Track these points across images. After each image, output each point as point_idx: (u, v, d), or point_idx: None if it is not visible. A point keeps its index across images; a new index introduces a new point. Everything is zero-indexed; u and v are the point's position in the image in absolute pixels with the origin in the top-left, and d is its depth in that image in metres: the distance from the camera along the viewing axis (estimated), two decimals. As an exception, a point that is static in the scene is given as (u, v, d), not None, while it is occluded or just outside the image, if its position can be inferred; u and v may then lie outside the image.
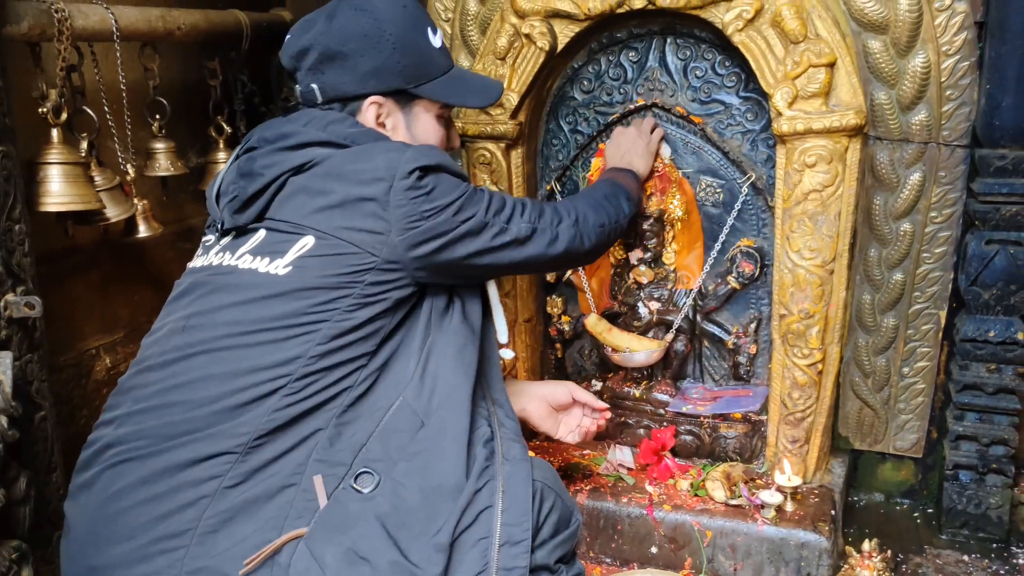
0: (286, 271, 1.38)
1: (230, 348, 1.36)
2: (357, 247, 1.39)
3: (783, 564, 2.00)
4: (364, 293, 1.39)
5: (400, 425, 1.40)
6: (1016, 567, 2.13)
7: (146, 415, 1.35)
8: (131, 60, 1.98)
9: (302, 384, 1.34)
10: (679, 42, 2.19)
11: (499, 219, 1.54)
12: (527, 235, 1.58)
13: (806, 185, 1.96)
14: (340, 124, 1.50)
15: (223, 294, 1.41)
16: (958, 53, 1.99)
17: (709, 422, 2.26)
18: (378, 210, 1.39)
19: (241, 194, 1.45)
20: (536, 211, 1.63)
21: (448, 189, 1.46)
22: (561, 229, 1.66)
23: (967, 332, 2.11)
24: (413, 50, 1.56)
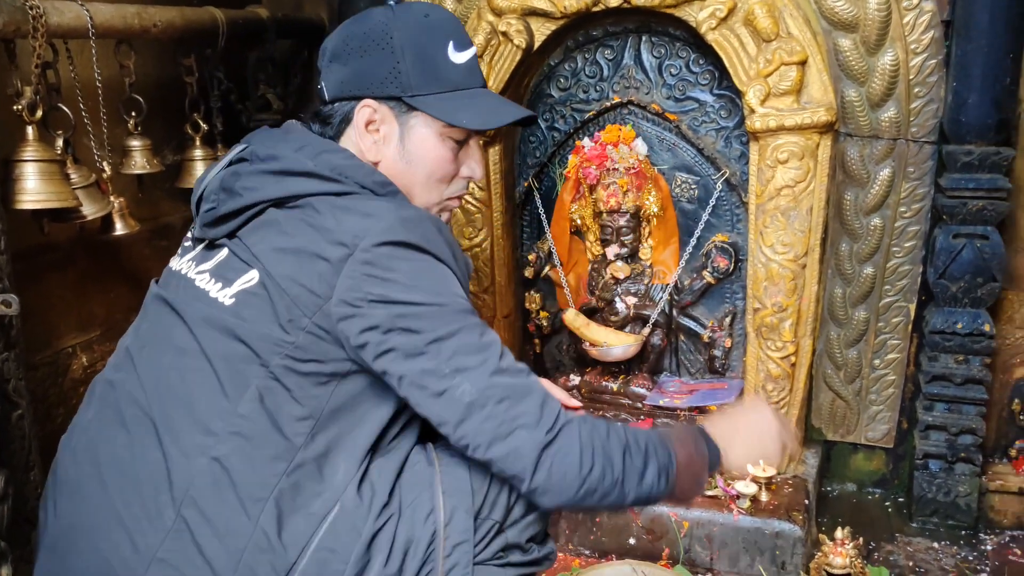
0: (231, 301, 1.31)
1: (174, 386, 1.30)
2: (293, 302, 1.26)
3: (758, 553, 2.04)
4: (291, 356, 1.27)
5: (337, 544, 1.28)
6: (984, 553, 2.18)
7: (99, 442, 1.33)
8: (107, 57, 1.96)
9: (226, 450, 1.26)
10: (654, 40, 2.22)
11: (445, 360, 1.25)
12: (463, 400, 1.26)
13: (779, 181, 1.99)
14: (333, 155, 1.39)
15: (177, 316, 1.36)
16: (926, 51, 2.03)
17: (686, 415, 2.29)
18: (327, 274, 1.25)
19: (217, 209, 1.39)
20: (507, 391, 1.28)
21: (412, 284, 1.26)
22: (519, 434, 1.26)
23: (936, 324, 2.16)
24: (417, 57, 1.43)
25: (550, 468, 1.27)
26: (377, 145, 1.46)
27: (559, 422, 1.29)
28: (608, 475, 1.31)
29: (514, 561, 1.41)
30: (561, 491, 1.29)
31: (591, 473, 1.29)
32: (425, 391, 1.26)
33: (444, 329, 1.27)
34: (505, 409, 1.26)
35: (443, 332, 1.26)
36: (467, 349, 1.27)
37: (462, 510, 1.36)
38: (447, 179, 1.51)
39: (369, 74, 1.44)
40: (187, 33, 2.14)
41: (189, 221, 2.49)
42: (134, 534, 1.26)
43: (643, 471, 1.34)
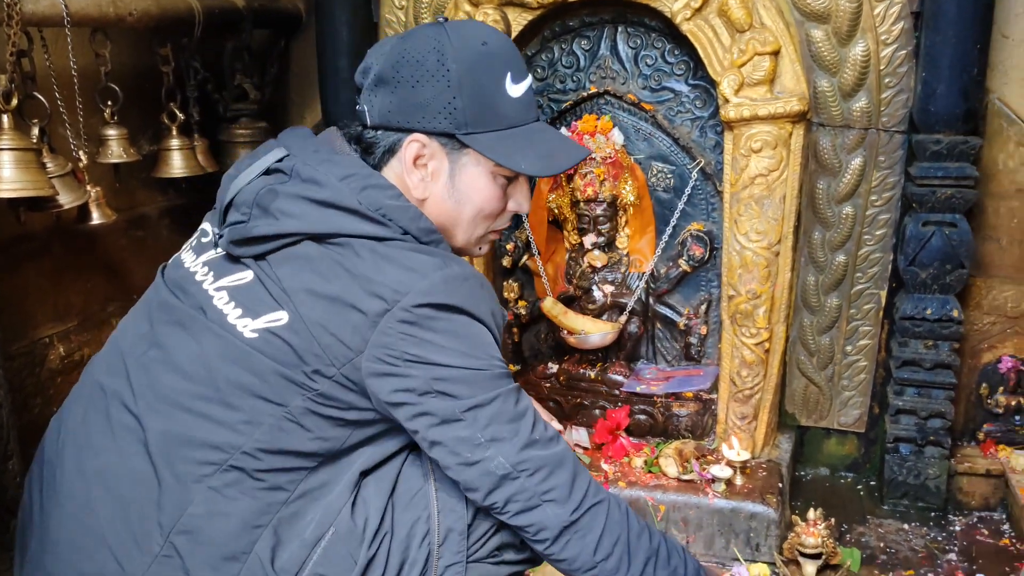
0: (252, 336, 1.25)
1: (176, 408, 1.26)
2: (322, 351, 1.23)
3: (733, 535, 2.08)
4: (313, 399, 1.25)
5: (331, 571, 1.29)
6: (952, 534, 2.23)
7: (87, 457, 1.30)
8: (82, 46, 1.96)
9: (227, 480, 1.24)
10: (630, 31, 2.24)
11: (481, 428, 1.25)
12: (495, 472, 1.26)
13: (752, 170, 2.02)
14: (380, 192, 1.31)
15: (189, 335, 1.30)
16: (896, 42, 2.07)
17: (662, 401, 2.32)
18: (362, 327, 1.22)
19: (248, 226, 1.30)
20: (540, 463, 1.28)
21: (451, 348, 1.24)
22: (547, 509, 1.29)
23: (906, 310, 2.20)
24: (475, 93, 1.34)
25: (567, 544, 1.30)
26: (424, 182, 1.39)
27: (587, 501, 1.31)
28: (622, 571, 1.33)
29: (508, 559, 1.42)
30: (573, 567, 1.33)
31: (606, 561, 1.32)
32: (458, 458, 1.27)
33: (482, 396, 1.25)
34: (537, 483, 1.27)
35: (481, 399, 1.25)
36: (503, 418, 1.27)
37: (456, 532, 1.36)
38: (495, 216, 1.46)
39: (422, 107, 1.34)
40: (163, 22, 2.13)
41: (166, 211, 2.52)
42: (120, 557, 1.23)
43: (656, 564, 1.36)
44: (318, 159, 1.34)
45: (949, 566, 2.09)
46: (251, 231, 1.29)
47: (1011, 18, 2.13)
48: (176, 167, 2.29)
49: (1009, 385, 2.32)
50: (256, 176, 1.35)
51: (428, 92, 1.33)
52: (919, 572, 2.07)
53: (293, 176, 1.32)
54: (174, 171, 2.29)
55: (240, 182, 1.36)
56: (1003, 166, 2.20)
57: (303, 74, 2.72)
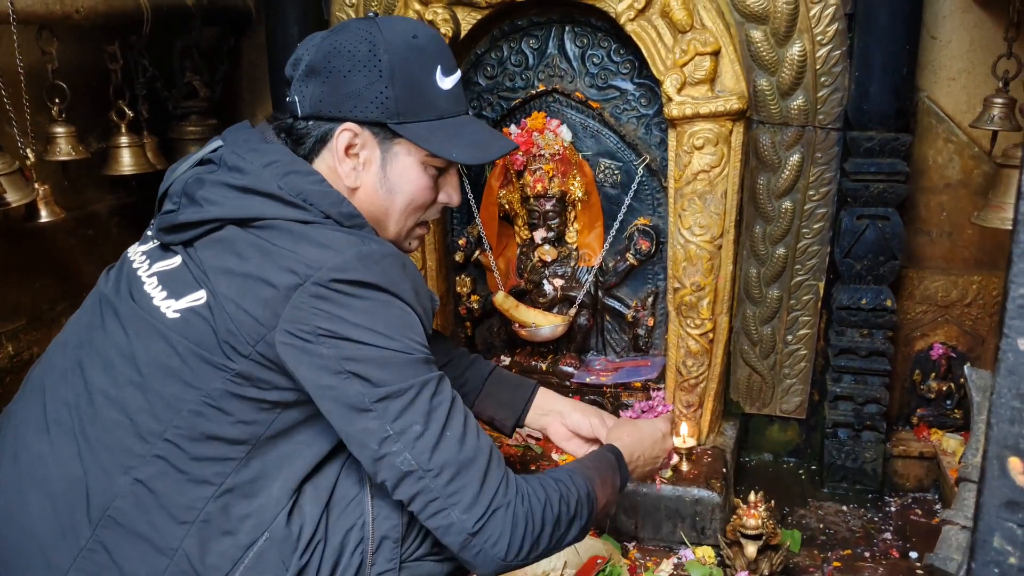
0: (174, 316, 1.27)
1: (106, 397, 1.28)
2: (236, 328, 1.23)
3: (680, 520, 2.15)
4: (232, 380, 1.24)
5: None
6: (888, 514, 2.33)
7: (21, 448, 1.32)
8: (28, 44, 1.95)
9: (151, 471, 1.25)
10: (577, 30, 2.29)
11: (391, 420, 1.22)
12: (401, 468, 1.24)
13: (695, 166, 2.09)
14: (301, 178, 1.32)
15: (121, 321, 1.32)
16: (831, 43, 2.15)
17: (612, 391, 2.38)
18: (272, 301, 1.21)
19: (176, 215, 1.33)
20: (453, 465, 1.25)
21: (366, 326, 1.22)
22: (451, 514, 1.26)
23: (842, 301, 2.29)
24: (406, 83, 1.37)
25: (476, 554, 1.28)
26: (356, 171, 1.40)
27: (493, 505, 1.26)
28: (535, 551, 1.33)
29: (450, 555, 1.42)
30: (484, 569, 1.31)
31: (517, 556, 1.30)
32: (366, 450, 1.24)
33: (395, 384, 1.22)
34: (443, 484, 1.24)
35: (394, 387, 1.22)
36: (415, 411, 1.23)
37: (391, 540, 1.36)
38: (425, 207, 1.47)
39: (353, 96, 1.36)
40: (110, 19, 2.12)
41: (116, 210, 2.51)
42: (47, 550, 1.24)
43: (567, 532, 1.37)
44: (245, 148, 1.36)
45: (884, 544, 2.19)
46: (176, 218, 1.32)
47: (939, 20, 2.22)
48: (125, 165, 2.28)
49: (941, 371, 2.43)
50: (190, 166, 1.39)
51: (360, 81, 1.35)
52: (856, 551, 2.16)
53: (221, 165, 1.35)
54: (123, 169, 2.29)
55: (176, 173, 1.40)
56: (933, 162, 2.30)
57: (254, 71, 2.72)
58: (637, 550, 2.16)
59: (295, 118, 1.42)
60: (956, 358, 2.41)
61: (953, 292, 2.38)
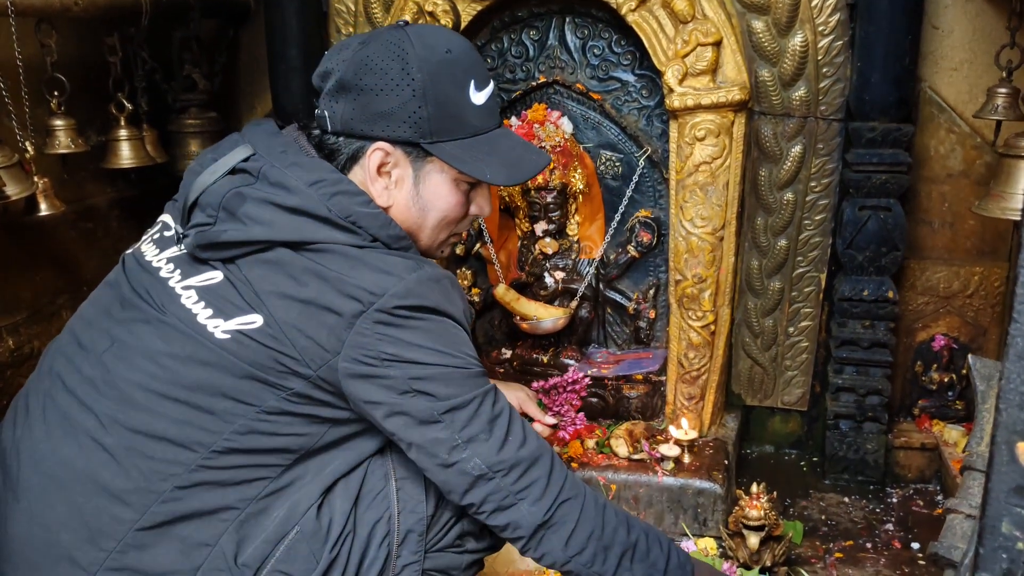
0: (223, 337, 1.25)
1: (138, 406, 1.26)
2: (298, 352, 1.24)
3: (682, 511, 2.15)
4: (288, 399, 1.26)
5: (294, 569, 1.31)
6: (890, 505, 2.33)
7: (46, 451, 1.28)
8: (27, 36, 1.94)
9: (197, 479, 1.25)
10: (577, 21, 2.28)
11: (459, 429, 1.28)
12: (472, 473, 1.29)
13: (697, 158, 2.08)
14: (349, 199, 1.30)
15: (155, 333, 1.29)
16: (832, 33, 2.14)
17: (613, 384, 2.38)
18: (337, 328, 1.24)
19: (215, 231, 1.28)
20: (516, 462, 1.31)
21: (428, 347, 1.26)
22: (521, 507, 1.32)
23: (844, 292, 2.29)
24: (439, 102, 1.34)
25: (541, 541, 1.34)
26: (388, 190, 1.39)
27: (561, 497, 1.33)
28: (597, 564, 1.35)
29: (470, 548, 1.45)
30: (547, 562, 1.36)
31: (579, 556, 1.35)
32: (435, 459, 1.29)
33: (459, 397, 1.28)
34: (512, 482, 1.30)
35: (458, 400, 1.28)
36: (480, 420, 1.29)
37: (415, 533, 1.39)
38: (458, 221, 1.48)
39: (386, 116, 1.34)
40: (110, 12, 2.12)
41: (115, 202, 2.50)
42: (74, 552, 1.23)
43: (634, 561, 1.37)
44: (285, 161, 1.33)
45: (886, 535, 2.19)
46: (219, 236, 1.28)
47: (940, 9, 2.22)
48: (125, 158, 2.28)
49: (942, 362, 2.43)
50: (221, 175, 1.33)
51: (392, 101, 1.33)
52: (858, 542, 2.16)
53: (260, 179, 1.31)
54: (123, 162, 2.28)
55: (204, 180, 1.34)
56: (934, 152, 2.30)
57: (253, 63, 2.72)
58: (639, 542, 2.16)
59: (324, 132, 1.40)
60: (958, 349, 2.41)
61: (955, 283, 2.38)
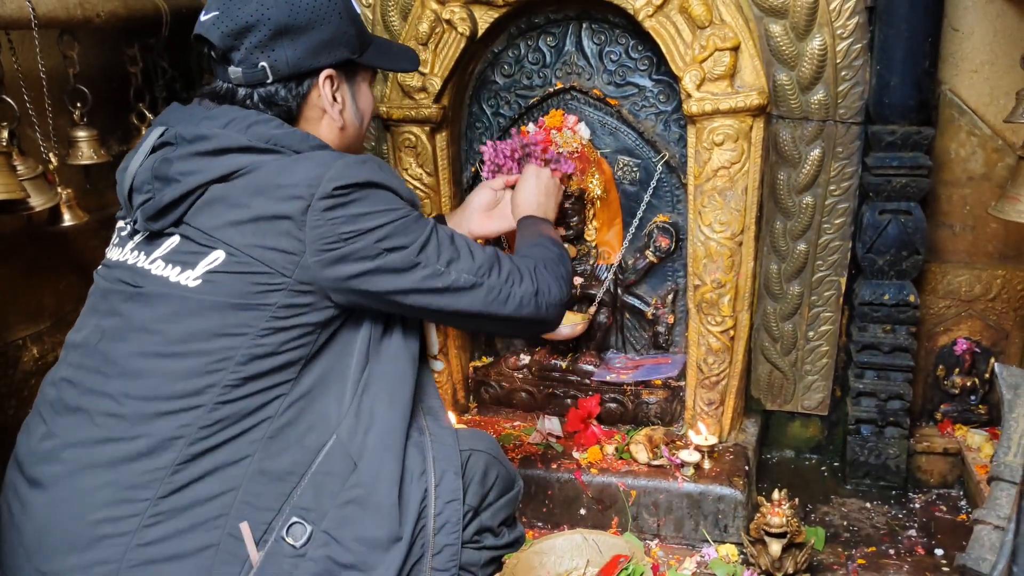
0: (196, 283, 1.33)
1: (143, 374, 1.32)
2: (268, 266, 1.32)
3: (702, 517, 2.14)
4: (276, 316, 1.33)
5: (333, 468, 1.37)
6: (913, 511, 2.31)
7: (66, 442, 1.33)
8: (50, 47, 1.96)
9: (217, 416, 1.31)
10: (594, 27, 2.28)
11: (435, 260, 1.42)
12: (466, 286, 1.45)
13: (715, 162, 2.08)
14: (264, 125, 1.39)
15: (138, 306, 1.36)
16: (851, 36, 2.13)
17: (632, 389, 2.38)
18: (293, 229, 1.31)
19: (156, 199, 1.36)
20: (488, 264, 1.50)
21: (377, 211, 1.36)
22: (515, 291, 1.52)
23: (864, 296, 2.27)
24: (354, 18, 1.50)
25: (545, 308, 1.57)
26: (342, 114, 1.50)
27: (528, 267, 1.57)
28: (567, 283, 1.67)
29: (488, 544, 1.48)
30: (552, 316, 1.60)
31: (563, 293, 1.63)
32: (431, 294, 1.42)
33: (422, 236, 1.41)
34: (496, 276, 1.49)
35: (423, 238, 1.41)
36: (444, 244, 1.44)
37: (451, 471, 1.46)
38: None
39: (327, 43, 1.45)
40: (130, 22, 2.14)
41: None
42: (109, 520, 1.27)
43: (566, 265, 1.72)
44: (196, 119, 1.41)
45: (909, 541, 2.17)
46: (161, 201, 1.35)
47: (960, 11, 2.20)
48: (146, 167, 2.29)
49: (964, 366, 2.41)
50: (145, 156, 1.42)
51: (329, 29, 1.45)
52: (880, 548, 2.15)
53: (179, 142, 1.38)
54: (144, 171, 2.29)
55: (132, 168, 1.42)
56: (955, 155, 2.28)
57: (271, 72, 2.72)
58: (660, 548, 2.16)
59: (261, 85, 1.43)
60: (980, 353, 2.39)
61: (977, 286, 2.36)
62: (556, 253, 1.71)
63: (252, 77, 1.42)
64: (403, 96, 2.24)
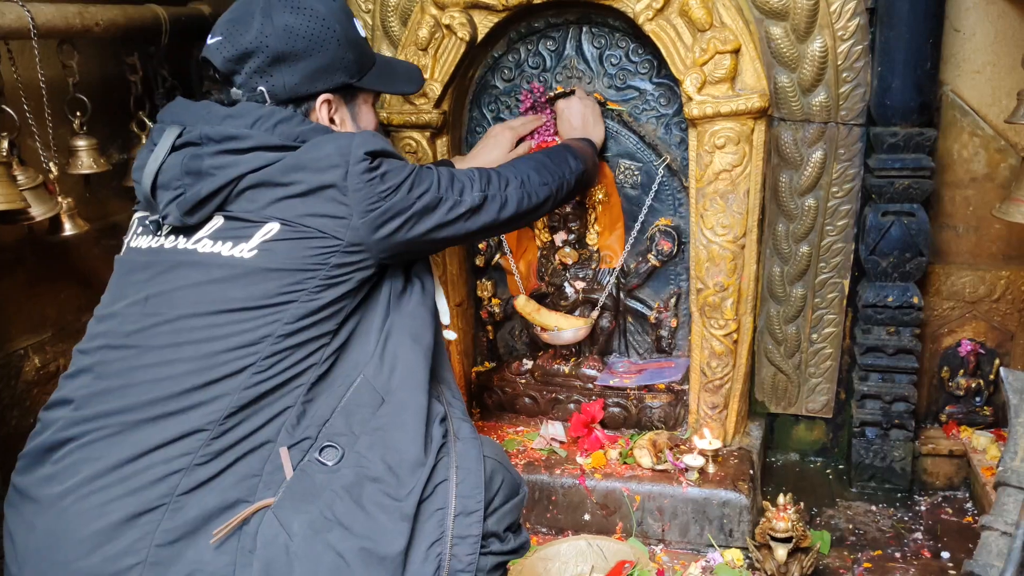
0: (252, 254, 1.40)
1: (197, 328, 1.37)
2: (321, 232, 1.41)
3: (707, 522, 2.13)
4: (329, 275, 1.42)
5: (362, 401, 1.45)
6: (919, 514, 2.30)
7: (109, 396, 1.36)
8: (49, 57, 1.96)
9: (270, 363, 1.38)
10: (594, 31, 2.28)
11: (451, 192, 1.57)
12: (479, 203, 1.62)
13: (717, 166, 2.07)
14: (289, 123, 1.47)
15: (185, 272, 1.42)
16: (852, 38, 2.13)
17: (635, 394, 2.37)
18: (337, 195, 1.42)
19: (190, 194, 1.42)
20: (484, 178, 1.66)
21: (397, 170, 1.49)
22: (509, 192, 1.70)
23: (868, 298, 2.27)
24: (353, 44, 1.57)
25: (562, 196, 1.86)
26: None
27: (511, 168, 1.75)
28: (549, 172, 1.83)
29: (494, 550, 1.48)
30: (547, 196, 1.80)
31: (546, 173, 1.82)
32: (458, 221, 1.58)
33: (432, 179, 1.54)
34: (495, 186, 1.66)
35: (433, 179, 1.55)
36: (448, 177, 1.58)
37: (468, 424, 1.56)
38: None
39: (324, 70, 1.53)
40: (130, 31, 2.14)
41: (138, 219, 2.50)
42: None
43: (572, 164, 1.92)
44: (217, 119, 1.47)
45: (915, 545, 2.16)
46: (199, 194, 1.41)
47: (962, 12, 2.19)
48: (147, 175, 2.29)
49: (969, 368, 2.40)
50: (166, 156, 1.45)
51: (326, 56, 1.53)
52: (887, 552, 2.14)
53: (205, 141, 1.44)
54: (145, 179, 2.29)
55: (151, 168, 1.46)
56: (958, 156, 2.27)
57: (271, 79, 2.72)
58: (665, 553, 2.15)
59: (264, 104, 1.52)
60: (985, 354, 2.38)
61: (981, 287, 2.35)
62: (546, 153, 1.92)
63: (252, 100, 1.51)
64: (403, 101, 2.24)
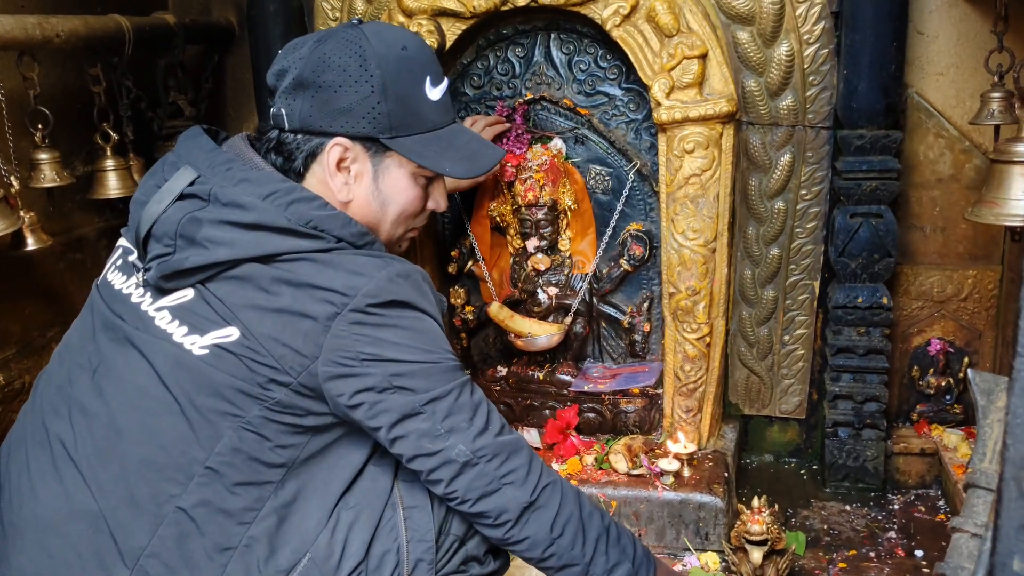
0: (202, 352, 1.25)
1: (132, 437, 1.26)
2: (277, 362, 1.24)
3: (683, 526, 2.13)
4: (272, 409, 1.25)
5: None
6: (892, 512, 2.32)
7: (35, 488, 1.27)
8: (9, 69, 1.93)
9: (195, 499, 1.24)
10: (563, 37, 2.28)
11: (440, 419, 1.29)
12: (458, 460, 1.31)
13: (686, 170, 2.08)
14: (305, 204, 1.29)
15: (135, 358, 1.29)
16: (818, 42, 2.14)
17: (610, 399, 2.37)
18: (313, 333, 1.23)
19: (176, 260, 1.27)
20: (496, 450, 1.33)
21: (404, 344, 1.27)
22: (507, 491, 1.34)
23: (838, 299, 2.28)
24: (397, 98, 1.37)
25: (526, 524, 1.35)
26: (348, 185, 1.40)
27: (543, 481, 1.37)
28: (577, 548, 1.38)
29: (474, 573, 1.45)
30: (532, 546, 1.36)
31: (561, 538, 1.37)
32: (419, 450, 1.30)
33: (439, 389, 1.30)
34: (495, 467, 1.33)
35: (438, 392, 1.29)
36: (460, 409, 1.31)
37: (425, 563, 1.38)
38: (416, 215, 1.50)
39: (345, 112, 1.35)
40: (92, 42, 2.10)
41: (104, 232, 2.48)
42: None
43: (612, 567, 1.40)
44: (233, 178, 1.31)
45: (889, 544, 2.18)
46: (182, 264, 1.27)
47: (925, 15, 2.22)
48: (112, 188, 2.26)
49: (939, 366, 2.42)
50: (170, 203, 1.31)
51: (352, 97, 1.35)
52: (861, 552, 2.15)
53: (212, 201, 1.29)
54: (110, 192, 2.26)
55: (153, 210, 1.31)
56: (924, 157, 2.30)
57: (239, 88, 2.70)
58: (642, 558, 2.15)
59: (281, 130, 1.40)
60: (954, 353, 2.41)
61: (948, 287, 2.38)
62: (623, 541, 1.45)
63: (277, 119, 1.40)
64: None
